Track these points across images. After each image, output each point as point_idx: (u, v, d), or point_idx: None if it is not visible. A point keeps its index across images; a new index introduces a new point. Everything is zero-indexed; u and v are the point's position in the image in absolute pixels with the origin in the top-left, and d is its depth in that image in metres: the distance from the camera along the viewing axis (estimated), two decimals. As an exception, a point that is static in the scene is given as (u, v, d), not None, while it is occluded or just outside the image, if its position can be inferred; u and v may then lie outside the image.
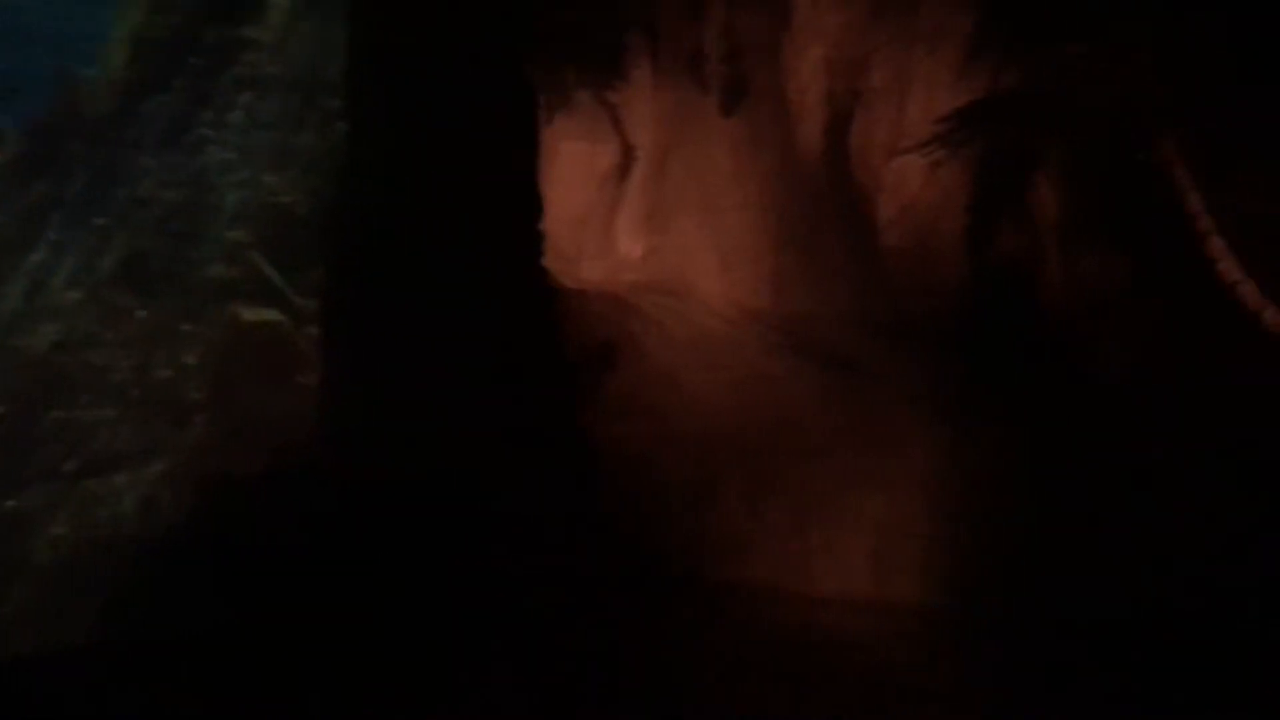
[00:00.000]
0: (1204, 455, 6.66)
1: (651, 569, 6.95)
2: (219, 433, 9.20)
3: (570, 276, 7.92)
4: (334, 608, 5.99)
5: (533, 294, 7.04)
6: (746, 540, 7.14)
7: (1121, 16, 7.46)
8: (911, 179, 8.18)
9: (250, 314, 9.65)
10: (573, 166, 8.21)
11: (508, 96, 6.99)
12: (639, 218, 8.25)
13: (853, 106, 8.27)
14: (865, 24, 8.20)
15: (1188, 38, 7.24)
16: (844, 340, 7.74)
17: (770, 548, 7.14)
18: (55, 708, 4.98)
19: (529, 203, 7.11)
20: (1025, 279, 7.90)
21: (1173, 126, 7.30)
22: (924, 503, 7.09)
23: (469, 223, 6.66)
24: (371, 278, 6.77)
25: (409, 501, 6.53)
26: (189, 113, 10.38)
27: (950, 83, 8.04)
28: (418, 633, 6.01)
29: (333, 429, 7.01)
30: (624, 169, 8.38)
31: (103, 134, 10.77)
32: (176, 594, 6.47)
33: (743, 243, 8.06)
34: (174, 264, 9.99)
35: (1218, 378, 6.92)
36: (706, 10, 8.36)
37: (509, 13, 7.15)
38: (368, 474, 6.59)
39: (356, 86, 7.29)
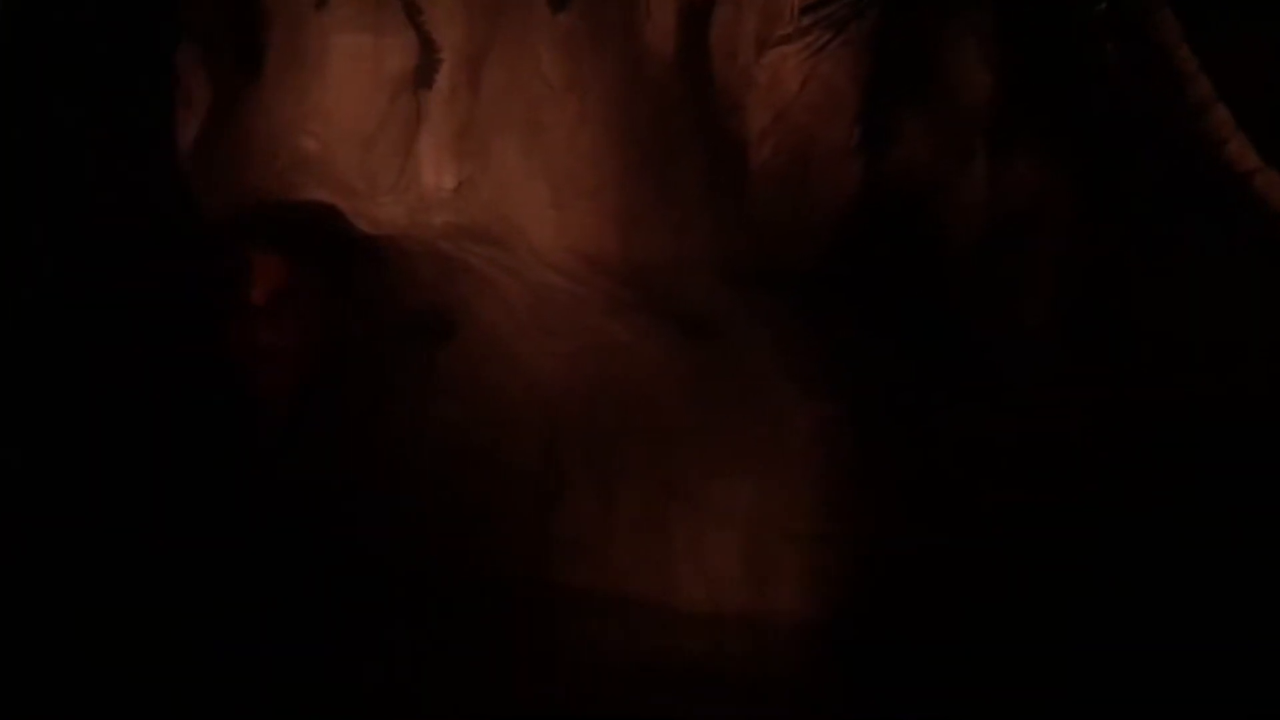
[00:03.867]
0: (1143, 434, 5.99)
1: (491, 575, 6.13)
2: None
3: (364, 217, 6.64)
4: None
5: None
6: (599, 540, 6.28)
7: None
8: (788, 77, 7.04)
9: None
10: (353, 68, 6.79)
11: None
12: (447, 140, 6.94)
13: (716, -10, 7.07)
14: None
15: None
16: (705, 294, 6.74)
17: (626, 549, 6.28)
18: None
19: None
20: (933, 198, 7.00)
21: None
22: (803, 494, 6.27)
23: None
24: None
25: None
26: None
27: (840, -56, 6.92)
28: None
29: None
30: (425, 74, 7.02)
31: None
32: None
33: (579, 171, 6.87)
34: None
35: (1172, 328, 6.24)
36: None
37: None
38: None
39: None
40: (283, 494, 6.12)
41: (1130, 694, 5.35)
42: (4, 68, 5.70)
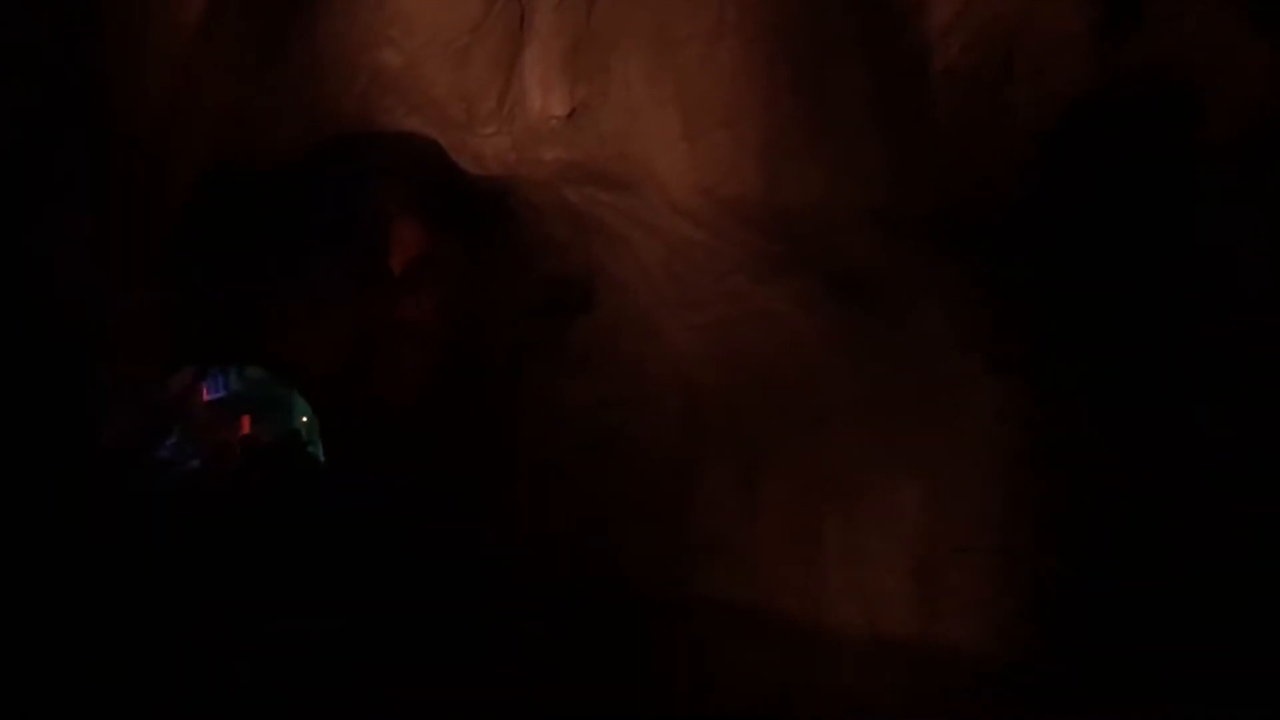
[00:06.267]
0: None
1: (623, 580, 5.65)
2: None
3: (466, 153, 5.87)
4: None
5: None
6: (738, 543, 5.60)
7: None
8: (984, -46, 5.72)
9: None
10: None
11: None
12: (557, 56, 5.97)
13: None
14: None
15: None
16: (867, 249, 5.72)
17: (769, 555, 5.57)
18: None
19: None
20: (1191, 99, 5.58)
21: None
22: (984, 496, 5.31)
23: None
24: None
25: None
26: None
27: None
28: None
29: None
30: (530, -25, 6.01)
31: None
32: None
33: (715, 95, 5.81)
34: None
35: None
36: None
37: None
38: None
39: None
40: (408, 492, 5.80)
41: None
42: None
